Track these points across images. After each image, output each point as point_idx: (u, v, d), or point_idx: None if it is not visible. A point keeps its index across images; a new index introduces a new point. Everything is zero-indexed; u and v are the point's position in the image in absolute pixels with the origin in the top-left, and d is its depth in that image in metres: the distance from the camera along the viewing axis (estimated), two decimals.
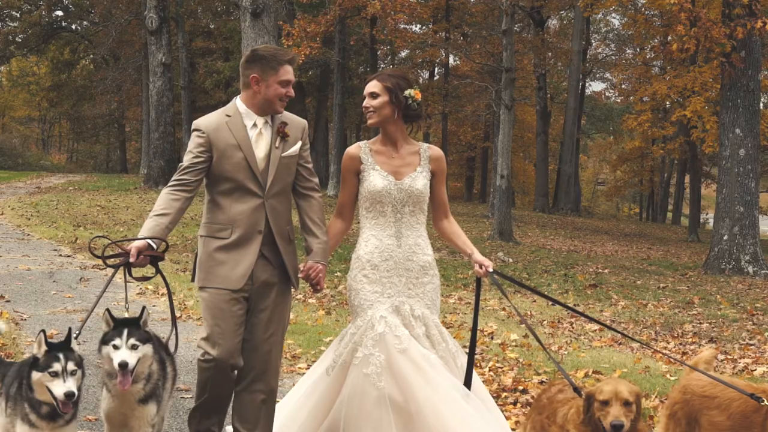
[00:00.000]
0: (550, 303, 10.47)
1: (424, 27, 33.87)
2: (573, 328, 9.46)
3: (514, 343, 7.97)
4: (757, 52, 16.18)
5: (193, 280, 4.21)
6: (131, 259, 3.78)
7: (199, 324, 8.13)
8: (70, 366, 3.46)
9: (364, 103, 4.27)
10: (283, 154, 4.07)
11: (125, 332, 3.67)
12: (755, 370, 7.29)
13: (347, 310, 9.48)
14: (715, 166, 26.27)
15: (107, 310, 3.80)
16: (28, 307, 8.48)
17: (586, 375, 6.60)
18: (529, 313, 10.16)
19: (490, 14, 30.51)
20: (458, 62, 35.28)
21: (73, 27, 41.46)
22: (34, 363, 3.49)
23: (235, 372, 4.05)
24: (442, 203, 4.43)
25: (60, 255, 12.67)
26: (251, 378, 4.06)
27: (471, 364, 4.15)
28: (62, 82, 42.97)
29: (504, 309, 10.34)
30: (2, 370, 3.82)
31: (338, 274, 12.10)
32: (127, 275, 3.92)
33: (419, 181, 4.24)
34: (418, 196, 4.24)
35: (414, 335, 4.06)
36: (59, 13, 40.85)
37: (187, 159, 4.03)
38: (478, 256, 4.29)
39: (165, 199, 3.95)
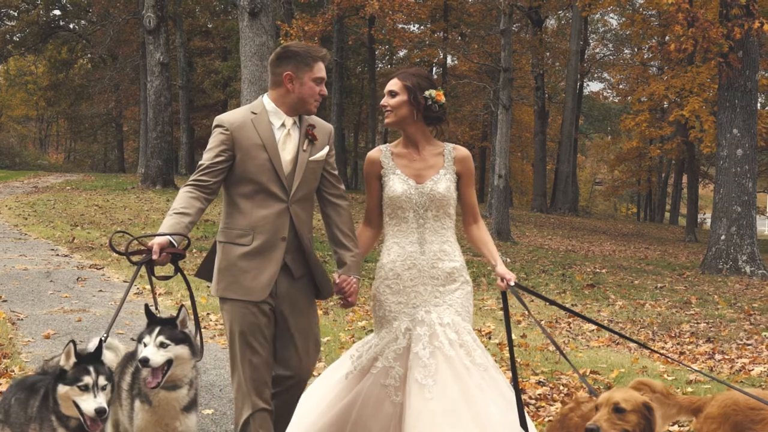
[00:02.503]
0: (547, 303, 10.49)
1: (422, 27, 33.92)
2: (570, 327, 9.47)
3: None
4: (754, 52, 16.19)
5: (197, 275, 4.05)
6: (153, 257, 3.56)
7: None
8: (101, 380, 3.23)
9: (382, 101, 4.12)
10: (311, 158, 3.85)
11: (156, 330, 3.54)
12: (752, 370, 7.29)
13: (346, 311, 9.46)
14: (713, 166, 26.31)
15: (146, 305, 3.68)
16: (25, 307, 8.47)
17: (584, 375, 6.59)
18: (526, 313, 10.14)
19: (488, 14, 30.56)
20: (456, 62, 35.32)
21: (71, 26, 41.44)
22: (60, 375, 3.25)
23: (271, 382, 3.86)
24: (470, 206, 4.19)
25: (57, 255, 12.66)
26: (287, 385, 3.92)
27: (519, 398, 3.89)
28: (60, 81, 42.90)
29: (502, 309, 10.32)
30: None
31: None
32: (148, 274, 3.74)
33: (442, 183, 4.03)
34: (441, 200, 4.02)
35: (439, 343, 3.88)
36: (57, 12, 40.84)
37: (207, 157, 3.76)
38: (501, 268, 4.07)
39: (184, 197, 3.71)
